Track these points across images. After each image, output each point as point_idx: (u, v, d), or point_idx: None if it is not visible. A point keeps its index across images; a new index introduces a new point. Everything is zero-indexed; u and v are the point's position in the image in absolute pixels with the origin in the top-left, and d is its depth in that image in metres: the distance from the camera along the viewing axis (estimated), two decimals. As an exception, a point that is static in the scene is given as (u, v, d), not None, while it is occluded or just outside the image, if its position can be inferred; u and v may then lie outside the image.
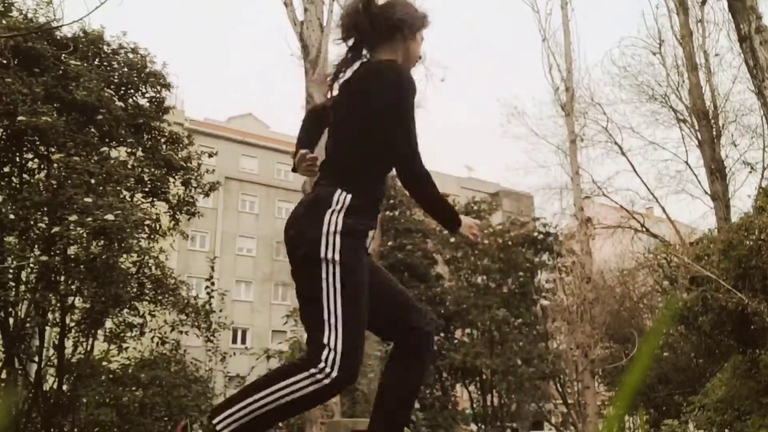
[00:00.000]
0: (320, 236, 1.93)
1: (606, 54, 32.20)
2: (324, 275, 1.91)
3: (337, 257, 1.91)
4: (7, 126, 7.73)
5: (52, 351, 8.36)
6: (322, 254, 1.92)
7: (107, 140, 8.64)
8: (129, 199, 8.69)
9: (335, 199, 1.98)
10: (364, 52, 2.22)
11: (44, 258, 7.38)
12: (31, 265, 7.58)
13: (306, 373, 1.88)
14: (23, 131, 7.55)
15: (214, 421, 1.89)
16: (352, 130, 2.10)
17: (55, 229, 7.25)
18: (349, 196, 1.99)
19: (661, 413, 15.34)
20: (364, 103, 2.07)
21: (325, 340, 1.88)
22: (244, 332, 29.50)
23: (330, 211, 1.96)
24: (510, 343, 19.92)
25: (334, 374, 1.86)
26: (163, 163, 9.10)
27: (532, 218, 23.13)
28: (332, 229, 1.94)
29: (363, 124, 2.07)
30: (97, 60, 8.89)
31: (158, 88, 9.34)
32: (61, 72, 8.22)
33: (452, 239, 20.24)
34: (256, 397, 1.89)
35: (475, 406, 20.63)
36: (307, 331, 1.95)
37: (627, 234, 20.11)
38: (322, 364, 1.86)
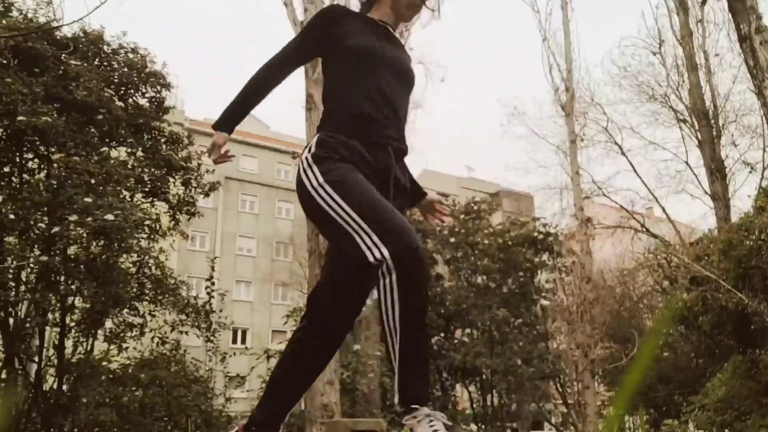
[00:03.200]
0: (301, 175, 1.97)
1: (606, 54, 32.25)
2: (319, 200, 1.90)
3: (320, 180, 1.91)
4: (7, 126, 7.73)
5: (52, 351, 8.36)
6: (308, 186, 1.93)
7: (107, 140, 8.64)
8: (129, 199, 8.70)
9: (308, 146, 2.03)
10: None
11: (44, 258, 7.38)
12: (31, 265, 7.58)
13: (380, 280, 1.77)
14: (23, 131, 7.55)
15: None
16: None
17: (55, 229, 7.25)
18: (317, 135, 2.03)
19: (661, 413, 15.35)
20: None
21: (360, 242, 1.79)
22: (244, 332, 29.50)
23: (303, 156, 2.00)
24: (510, 343, 19.91)
25: (388, 257, 1.74)
26: (163, 163, 9.11)
27: (532, 218, 23.10)
28: (306, 164, 1.97)
29: None
30: (97, 60, 8.89)
31: (158, 88, 9.34)
32: (61, 72, 8.22)
33: (452, 239, 20.24)
34: (386, 327, 1.84)
35: (475, 406, 20.63)
36: (352, 254, 1.84)
37: (627, 234, 20.10)
38: (375, 259, 1.76)
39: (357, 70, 2.05)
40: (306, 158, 1.98)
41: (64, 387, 8.23)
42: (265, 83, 2.21)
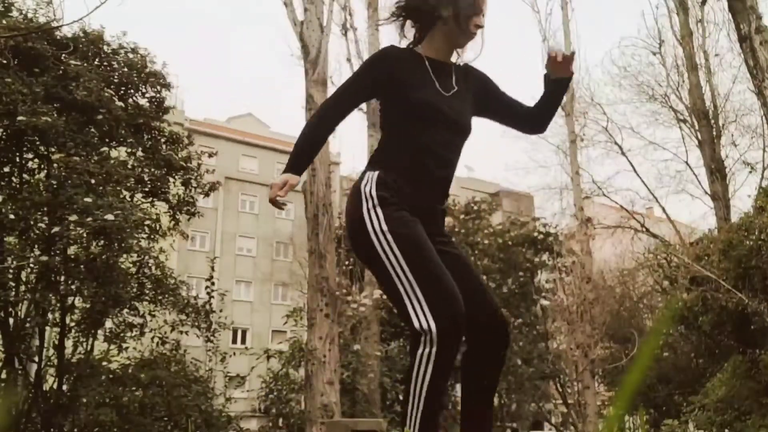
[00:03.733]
0: (363, 211, 1.96)
1: (606, 54, 32.28)
2: (379, 248, 1.91)
3: (384, 228, 1.92)
4: (7, 126, 7.73)
5: (52, 351, 8.36)
6: (369, 227, 1.94)
7: (107, 140, 8.64)
8: (129, 199, 8.70)
9: (365, 179, 2.03)
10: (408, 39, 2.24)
11: (44, 258, 7.38)
12: (31, 265, 7.58)
13: (419, 355, 1.84)
14: (23, 131, 7.55)
15: (405, 430, 1.91)
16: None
17: (55, 229, 7.25)
18: (376, 172, 2.02)
19: (661, 413, 15.34)
20: None
21: (408, 305, 1.85)
22: (244, 332, 29.49)
23: (362, 191, 2.00)
24: (510, 343, 19.90)
25: (435, 328, 1.80)
26: (163, 163, 9.11)
27: (532, 218, 23.10)
28: (370, 202, 1.97)
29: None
30: (97, 60, 8.89)
31: (158, 88, 9.35)
32: (61, 72, 8.22)
33: (452, 239, 20.24)
34: (412, 392, 1.88)
35: (475, 406, 20.60)
36: (396, 308, 1.92)
37: (627, 234, 20.10)
38: (419, 326, 1.83)
39: (415, 125, 2.07)
40: (370, 194, 1.98)
41: (64, 387, 8.23)
42: (319, 131, 2.17)
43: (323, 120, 2.14)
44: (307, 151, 2.12)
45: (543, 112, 2.26)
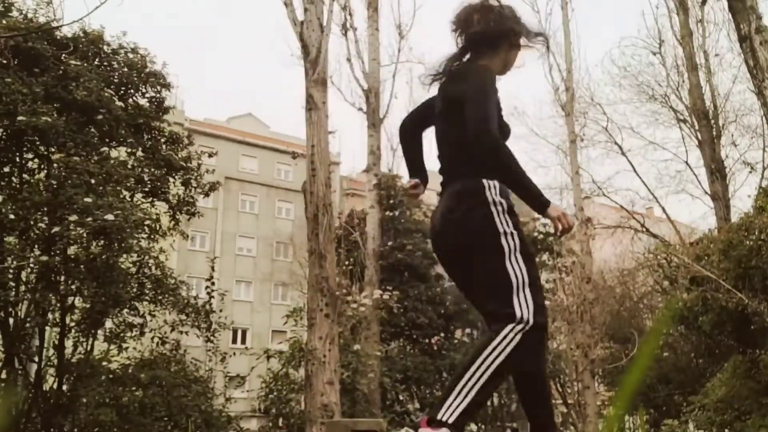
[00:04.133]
0: (492, 217, 2.14)
1: (606, 54, 32.17)
2: (509, 264, 2.10)
3: (518, 248, 2.13)
4: (7, 126, 7.73)
5: (52, 351, 8.35)
6: (500, 229, 2.13)
7: (107, 140, 8.64)
8: (129, 199, 8.70)
9: (486, 186, 2.18)
10: (468, 54, 2.40)
11: (44, 258, 7.38)
12: (31, 265, 7.58)
13: (508, 328, 2.02)
14: (23, 131, 7.55)
15: (438, 416, 1.94)
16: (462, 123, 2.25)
17: (55, 229, 7.25)
18: (495, 182, 2.19)
19: (661, 413, 15.34)
20: (463, 95, 2.24)
21: (516, 299, 2.06)
22: (244, 332, 29.49)
23: (490, 196, 2.16)
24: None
25: (532, 320, 2.04)
26: (163, 163, 9.11)
27: (532, 218, 23.10)
28: (500, 209, 2.15)
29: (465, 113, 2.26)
30: (97, 60, 8.89)
31: (158, 88, 9.34)
32: (61, 72, 8.21)
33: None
34: (470, 373, 1.98)
35: (475, 406, 20.61)
36: (494, 301, 2.09)
37: (627, 234, 20.09)
38: (519, 315, 2.03)
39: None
40: (499, 200, 2.16)
41: (64, 387, 8.23)
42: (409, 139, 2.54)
43: (407, 133, 2.53)
44: (411, 158, 2.50)
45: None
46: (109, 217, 7.19)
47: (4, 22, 8.03)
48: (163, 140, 9.37)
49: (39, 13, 8.48)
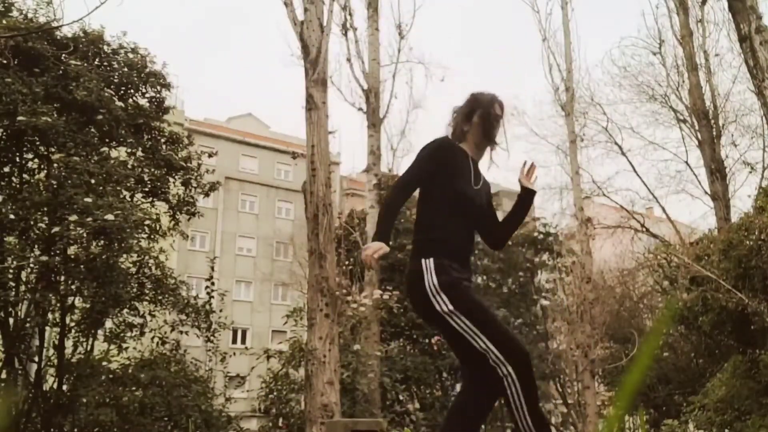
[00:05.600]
0: (430, 298, 2.47)
1: (606, 54, 32.07)
2: (453, 323, 2.44)
3: (451, 308, 2.43)
4: (7, 126, 7.73)
5: (52, 351, 8.35)
6: (439, 309, 2.45)
7: (107, 140, 8.63)
8: (129, 199, 8.69)
9: (423, 267, 2.51)
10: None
11: (44, 258, 7.38)
12: (31, 265, 7.58)
13: (503, 380, 2.37)
14: (23, 131, 7.55)
15: None
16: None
17: (55, 229, 7.25)
18: (431, 260, 2.51)
19: (661, 413, 15.34)
20: None
21: (487, 357, 2.39)
22: (244, 332, 29.49)
23: (426, 279, 2.49)
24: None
25: (509, 366, 2.35)
26: (163, 163, 9.10)
27: (532, 218, 23.10)
28: (434, 290, 2.47)
29: None
30: (97, 60, 8.89)
31: (158, 88, 9.34)
32: (61, 72, 8.21)
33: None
34: (516, 412, 2.40)
35: (475, 406, 20.61)
36: (475, 359, 2.44)
37: (627, 234, 20.08)
38: (498, 371, 2.36)
39: (455, 212, 2.61)
40: (433, 286, 2.47)
41: (64, 387, 8.22)
42: (394, 208, 2.71)
43: (395, 202, 2.67)
44: (390, 221, 2.63)
45: (507, 227, 2.85)
46: (109, 217, 7.19)
47: (4, 22, 8.03)
48: (163, 140, 9.36)
49: (39, 13, 8.48)
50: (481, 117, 2.75)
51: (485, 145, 2.80)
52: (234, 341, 26.96)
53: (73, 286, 7.74)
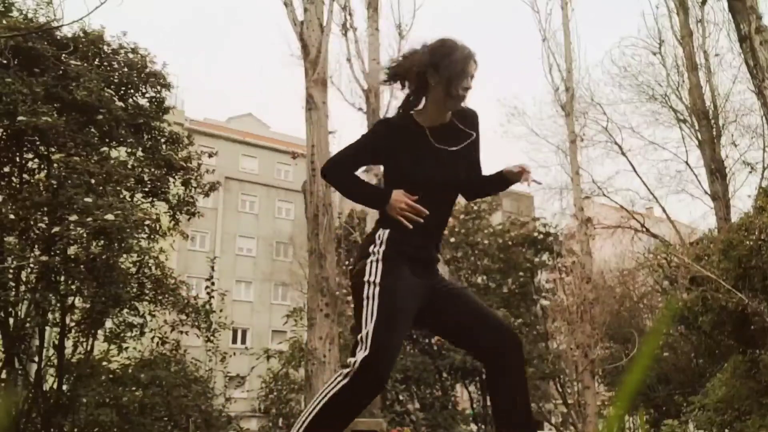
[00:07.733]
0: (367, 263, 2.23)
1: (606, 54, 32.07)
2: (365, 292, 2.18)
3: (377, 280, 2.18)
4: (7, 126, 7.73)
5: (52, 351, 8.35)
6: (366, 275, 2.21)
7: (107, 140, 8.63)
8: (129, 199, 8.69)
9: (376, 237, 2.28)
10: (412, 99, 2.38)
11: (44, 258, 7.38)
12: (31, 265, 7.58)
13: (337, 374, 2.12)
14: (23, 131, 7.54)
15: None
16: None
17: (55, 229, 7.25)
18: (388, 231, 2.26)
19: (661, 413, 15.34)
20: None
21: (360, 338, 2.11)
22: (244, 332, 29.49)
23: (378, 249, 2.25)
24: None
25: (358, 367, 2.05)
26: (163, 163, 9.10)
27: (532, 218, 23.10)
28: (375, 258, 2.23)
29: None
30: (97, 60, 8.88)
31: (158, 88, 9.33)
32: (61, 72, 8.21)
33: (452, 239, 20.26)
34: (310, 408, 2.12)
35: (475, 406, 20.62)
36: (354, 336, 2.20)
37: (627, 234, 20.09)
38: (351, 361, 2.08)
39: (414, 193, 2.27)
40: (379, 253, 2.24)
41: (64, 387, 8.23)
42: (350, 180, 2.43)
43: (344, 178, 2.38)
44: (360, 184, 2.39)
45: (482, 189, 2.57)
46: (109, 217, 7.19)
47: (4, 22, 8.02)
48: (163, 140, 9.36)
49: (39, 13, 8.48)
50: (449, 79, 2.24)
51: (449, 110, 2.35)
52: (234, 341, 26.95)
53: (73, 286, 7.74)
